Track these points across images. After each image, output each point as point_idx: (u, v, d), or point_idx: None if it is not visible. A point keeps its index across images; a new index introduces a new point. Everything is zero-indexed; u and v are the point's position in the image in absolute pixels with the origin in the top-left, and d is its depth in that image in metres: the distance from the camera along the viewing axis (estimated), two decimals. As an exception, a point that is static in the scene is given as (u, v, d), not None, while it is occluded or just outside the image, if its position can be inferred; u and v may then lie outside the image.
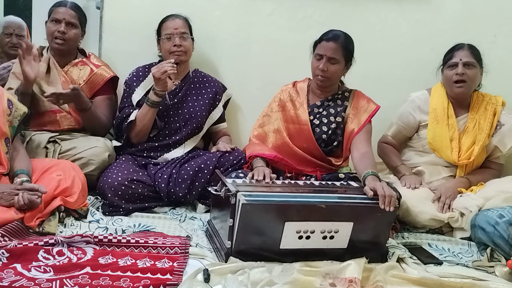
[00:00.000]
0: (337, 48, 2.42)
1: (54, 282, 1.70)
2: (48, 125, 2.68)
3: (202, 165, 2.53)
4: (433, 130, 2.65)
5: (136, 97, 2.73)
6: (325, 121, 2.53)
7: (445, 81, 2.66)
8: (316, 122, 2.53)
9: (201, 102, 2.79)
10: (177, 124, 2.73)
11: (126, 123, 2.65)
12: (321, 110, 2.54)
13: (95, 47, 3.01)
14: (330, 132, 2.52)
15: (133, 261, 1.90)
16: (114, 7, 2.94)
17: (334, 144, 2.53)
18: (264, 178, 2.23)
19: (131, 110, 2.68)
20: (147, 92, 2.67)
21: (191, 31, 2.78)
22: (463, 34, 2.93)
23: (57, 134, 2.65)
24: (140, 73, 2.78)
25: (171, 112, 2.73)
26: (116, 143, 2.73)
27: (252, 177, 2.26)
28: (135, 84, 2.75)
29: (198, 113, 2.76)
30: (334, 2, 2.98)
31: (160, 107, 2.66)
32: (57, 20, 2.66)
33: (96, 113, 2.69)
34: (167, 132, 2.73)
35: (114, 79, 2.83)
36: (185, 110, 2.75)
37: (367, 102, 2.52)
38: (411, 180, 2.55)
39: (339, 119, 2.52)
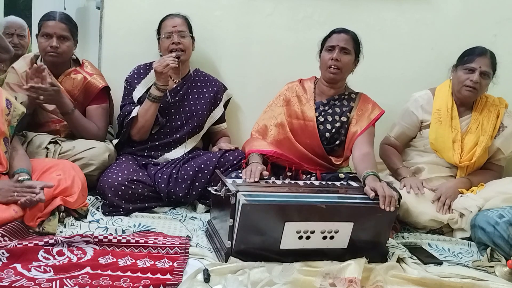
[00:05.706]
0: (349, 39, 2.48)
1: (54, 282, 1.70)
2: (48, 134, 2.66)
3: (202, 165, 2.53)
4: (435, 131, 2.64)
5: (137, 94, 2.73)
6: (330, 119, 2.53)
7: (456, 80, 2.62)
8: (321, 119, 2.53)
9: (202, 101, 2.79)
10: (179, 122, 2.73)
11: (128, 120, 2.65)
12: (327, 108, 2.55)
13: (95, 47, 3.01)
14: (334, 130, 2.52)
15: (133, 261, 1.90)
16: (114, 7, 2.93)
17: (336, 143, 2.53)
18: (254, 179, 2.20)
19: (133, 107, 2.68)
20: (148, 90, 2.66)
21: (190, 29, 2.77)
22: (463, 34, 2.94)
23: (57, 136, 2.66)
24: (141, 71, 2.78)
25: (172, 110, 2.74)
26: (116, 141, 2.73)
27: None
28: (136, 81, 2.75)
29: (200, 112, 2.77)
30: (334, 2, 2.98)
31: (161, 105, 2.66)
32: (48, 35, 2.60)
33: (82, 120, 2.65)
34: (168, 130, 2.73)
35: (108, 88, 2.80)
36: (187, 108, 2.76)
37: (372, 106, 2.54)
38: (412, 183, 2.52)
39: (344, 118, 2.52)
